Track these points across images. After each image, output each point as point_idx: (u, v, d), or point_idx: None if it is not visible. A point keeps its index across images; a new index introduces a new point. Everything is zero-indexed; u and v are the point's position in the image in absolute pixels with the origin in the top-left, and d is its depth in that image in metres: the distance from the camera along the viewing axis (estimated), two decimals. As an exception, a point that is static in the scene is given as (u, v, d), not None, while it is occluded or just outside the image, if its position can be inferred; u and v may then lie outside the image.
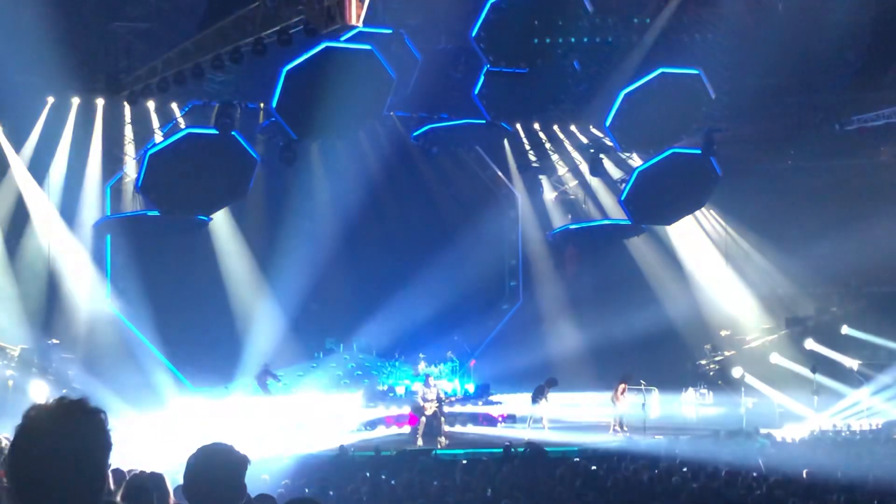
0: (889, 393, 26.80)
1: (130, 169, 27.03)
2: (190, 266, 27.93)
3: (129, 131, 26.87)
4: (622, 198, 28.62)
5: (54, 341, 25.07)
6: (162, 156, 24.76)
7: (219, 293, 28.26)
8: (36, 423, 2.95)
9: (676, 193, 28.42)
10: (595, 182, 31.64)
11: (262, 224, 28.97)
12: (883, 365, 27.56)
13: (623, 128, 27.77)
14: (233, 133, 24.82)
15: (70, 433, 2.92)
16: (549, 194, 32.91)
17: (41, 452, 2.89)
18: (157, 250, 26.87)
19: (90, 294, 26.48)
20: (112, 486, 6.53)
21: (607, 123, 27.74)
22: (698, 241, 32.78)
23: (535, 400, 26.70)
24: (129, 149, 26.86)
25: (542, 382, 26.76)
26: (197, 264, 28.04)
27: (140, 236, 26.64)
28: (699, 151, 27.68)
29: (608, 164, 30.93)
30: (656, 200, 28.47)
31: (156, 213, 25.78)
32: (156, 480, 7.63)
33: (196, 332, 27.58)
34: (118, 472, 8.46)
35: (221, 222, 28.41)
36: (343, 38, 22.78)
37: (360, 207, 29.33)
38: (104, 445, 3.00)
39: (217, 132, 24.71)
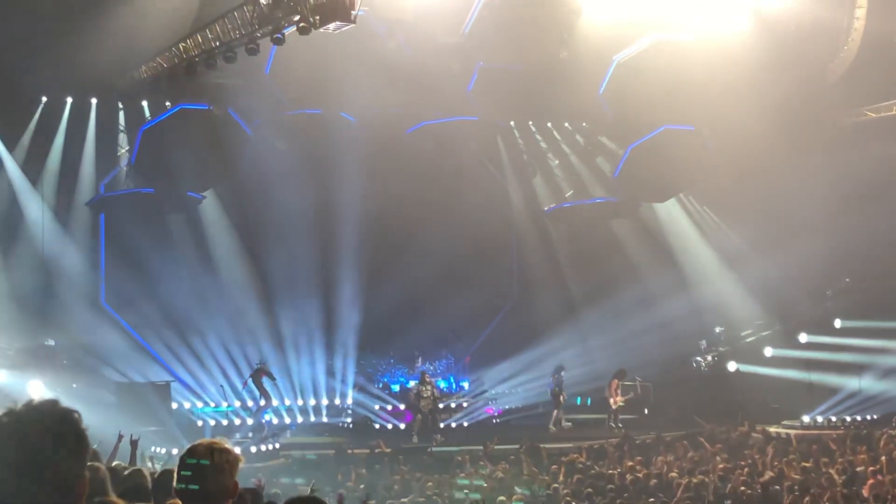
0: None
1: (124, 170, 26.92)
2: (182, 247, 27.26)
3: (123, 140, 26.77)
4: (615, 174, 28.62)
5: (50, 342, 24.97)
6: (155, 131, 24.73)
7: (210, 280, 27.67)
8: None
9: (669, 170, 28.38)
10: (588, 175, 31.46)
11: (250, 207, 28.17)
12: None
13: (616, 97, 27.69)
14: (228, 110, 24.94)
15: (30, 436, 2.78)
16: (542, 186, 32.50)
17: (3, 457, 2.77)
18: (152, 232, 26.18)
19: (85, 293, 26.33)
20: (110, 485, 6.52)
21: (601, 92, 27.67)
22: (692, 236, 32.71)
23: (554, 392, 26.97)
24: (122, 159, 26.81)
25: (554, 373, 27.05)
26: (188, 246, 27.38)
27: (134, 215, 25.74)
28: (692, 128, 27.68)
29: (601, 161, 30.97)
30: (649, 177, 28.44)
31: (150, 189, 25.70)
32: (156, 478, 7.62)
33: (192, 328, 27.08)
34: (117, 470, 8.43)
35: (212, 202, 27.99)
36: None
37: (345, 203, 28.69)
38: (73, 446, 2.86)
39: (208, 107, 24.80)
